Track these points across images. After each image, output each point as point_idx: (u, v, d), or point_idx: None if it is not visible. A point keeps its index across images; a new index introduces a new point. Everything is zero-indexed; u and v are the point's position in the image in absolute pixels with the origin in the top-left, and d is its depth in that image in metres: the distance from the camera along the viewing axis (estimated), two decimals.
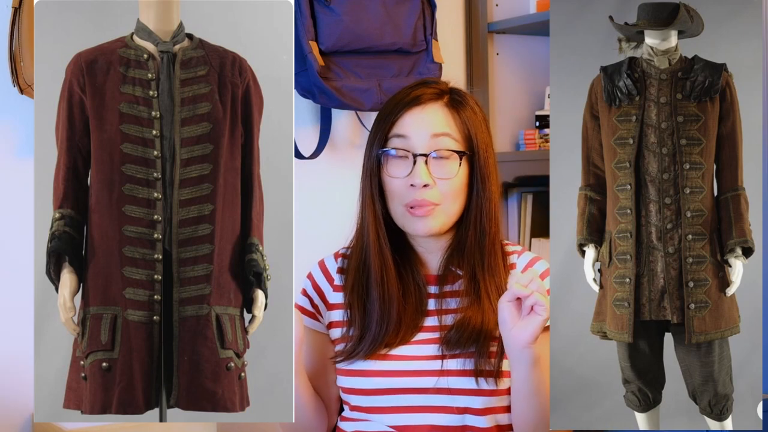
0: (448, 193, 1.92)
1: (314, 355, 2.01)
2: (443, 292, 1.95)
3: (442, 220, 1.93)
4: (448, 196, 1.92)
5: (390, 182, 1.93)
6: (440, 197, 1.91)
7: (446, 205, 1.92)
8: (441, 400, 1.89)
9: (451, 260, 1.96)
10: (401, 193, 1.92)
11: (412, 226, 1.93)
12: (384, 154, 1.93)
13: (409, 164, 1.92)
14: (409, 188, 1.91)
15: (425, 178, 1.90)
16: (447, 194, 1.91)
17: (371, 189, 1.94)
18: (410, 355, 1.91)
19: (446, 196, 1.91)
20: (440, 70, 3.07)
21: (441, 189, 1.91)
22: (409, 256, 1.98)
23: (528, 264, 1.98)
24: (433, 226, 1.92)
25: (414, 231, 1.93)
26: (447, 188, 1.91)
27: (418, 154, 1.91)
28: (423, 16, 3.05)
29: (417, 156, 1.91)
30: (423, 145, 1.92)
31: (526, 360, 1.81)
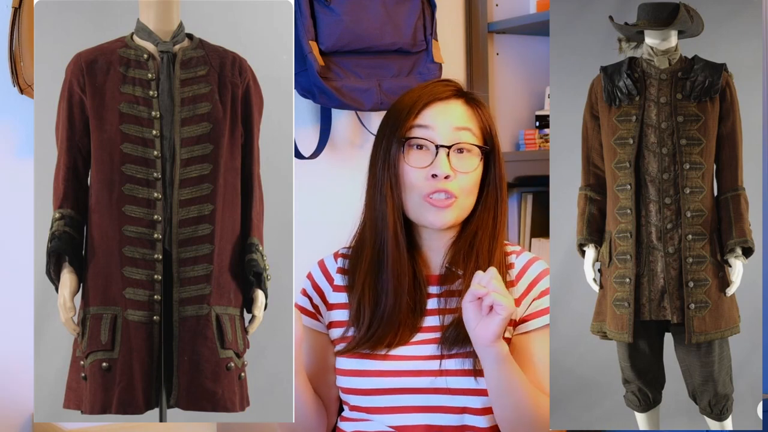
0: (465, 186, 1.92)
1: (314, 355, 2.01)
2: (444, 291, 1.95)
3: (458, 214, 1.93)
4: (465, 190, 1.92)
5: (409, 172, 1.92)
6: (458, 190, 1.92)
7: (462, 199, 1.93)
8: (440, 400, 1.89)
9: (454, 260, 1.96)
10: (420, 184, 1.91)
11: (429, 218, 1.92)
12: (406, 144, 1.93)
13: (431, 155, 1.92)
14: (429, 179, 1.91)
15: (447, 169, 1.90)
16: (464, 188, 1.92)
17: (390, 179, 1.93)
18: (409, 355, 1.91)
19: (464, 189, 1.92)
20: (440, 70, 3.06)
21: (460, 182, 1.92)
22: (413, 255, 1.98)
23: (526, 264, 1.98)
24: (449, 219, 1.92)
25: (430, 223, 1.93)
26: (465, 182, 1.92)
27: (441, 146, 1.91)
28: (423, 16, 3.05)
29: (439, 147, 1.91)
30: (446, 137, 1.92)
31: (491, 358, 1.82)
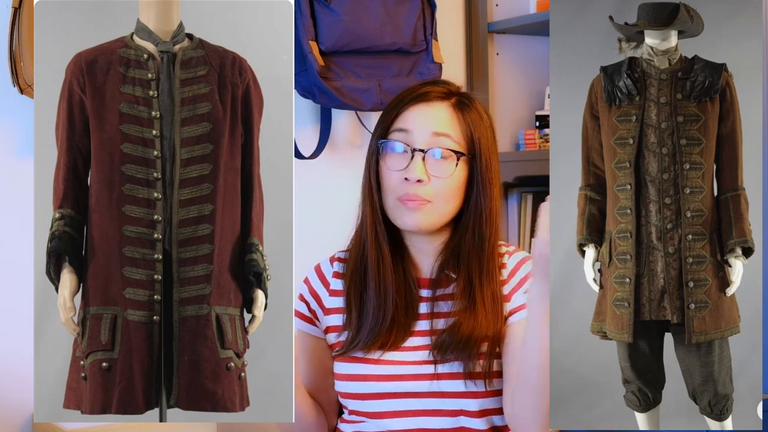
0: (441, 191, 1.91)
1: (312, 360, 2.01)
2: (436, 295, 1.95)
3: (433, 219, 1.92)
4: (441, 195, 1.91)
5: (387, 175, 1.93)
6: (433, 194, 1.91)
7: (438, 204, 1.92)
8: (435, 403, 1.89)
9: (446, 264, 1.95)
10: (395, 186, 1.92)
11: (402, 219, 1.92)
12: (384, 147, 1.94)
13: (407, 158, 1.92)
14: (403, 182, 1.91)
15: (420, 173, 1.90)
16: (440, 193, 1.91)
17: (370, 181, 1.94)
18: (404, 360, 1.91)
19: (439, 194, 1.91)
20: (440, 70, 3.07)
21: (435, 187, 1.91)
22: (403, 257, 1.97)
23: (518, 263, 1.97)
24: (422, 222, 1.92)
25: (403, 224, 1.93)
26: (441, 187, 1.91)
27: (417, 150, 1.91)
28: (423, 16, 3.05)
29: (415, 151, 1.91)
30: (423, 141, 1.92)
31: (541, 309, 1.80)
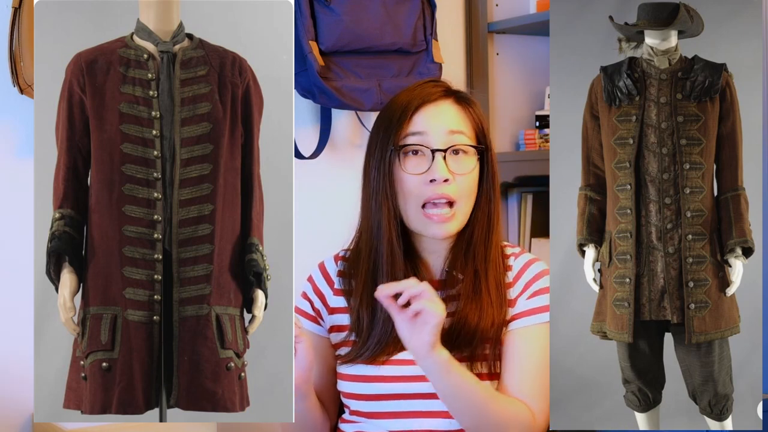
0: (464, 189, 1.91)
1: (316, 358, 2.00)
2: (445, 297, 1.93)
3: (460, 220, 1.92)
4: (464, 193, 1.91)
5: (406, 180, 1.90)
6: (458, 192, 1.90)
7: (462, 204, 1.91)
8: (438, 405, 1.89)
9: (454, 263, 1.95)
10: (418, 190, 1.90)
11: (431, 230, 1.90)
12: (401, 152, 1.91)
13: (427, 161, 1.90)
14: (427, 184, 1.89)
15: (445, 172, 1.89)
16: (464, 190, 1.91)
17: (386, 188, 1.91)
18: (407, 360, 1.90)
19: (463, 192, 1.90)
20: (440, 70, 3.06)
21: (459, 184, 1.90)
22: (414, 262, 1.96)
23: (525, 265, 1.97)
24: (452, 228, 1.91)
25: (433, 234, 1.91)
26: (464, 184, 1.90)
27: (436, 150, 1.90)
28: (423, 16, 3.05)
29: (435, 152, 1.90)
30: (440, 141, 1.91)
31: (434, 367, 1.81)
